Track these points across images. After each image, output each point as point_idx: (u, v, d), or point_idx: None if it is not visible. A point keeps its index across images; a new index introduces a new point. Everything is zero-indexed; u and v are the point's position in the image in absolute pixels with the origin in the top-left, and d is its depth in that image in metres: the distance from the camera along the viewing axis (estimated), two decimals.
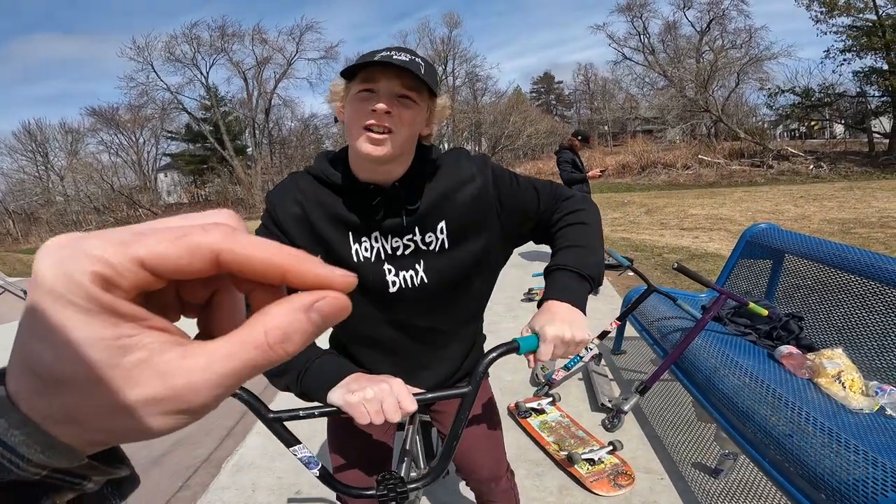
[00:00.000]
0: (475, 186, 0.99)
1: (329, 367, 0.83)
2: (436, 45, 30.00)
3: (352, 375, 0.80)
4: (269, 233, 0.96)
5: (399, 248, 0.97)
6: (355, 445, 1.15)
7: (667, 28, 25.84)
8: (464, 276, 1.01)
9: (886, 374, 1.83)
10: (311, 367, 0.82)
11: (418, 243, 0.97)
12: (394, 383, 0.77)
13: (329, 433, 1.18)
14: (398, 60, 0.82)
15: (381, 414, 0.74)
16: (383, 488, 0.81)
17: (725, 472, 1.94)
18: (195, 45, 26.09)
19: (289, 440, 0.79)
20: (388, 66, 0.82)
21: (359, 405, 0.74)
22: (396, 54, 0.84)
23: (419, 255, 0.98)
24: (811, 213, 8.26)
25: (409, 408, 0.75)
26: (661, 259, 5.73)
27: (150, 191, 28.39)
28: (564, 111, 40.57)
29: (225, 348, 0.19)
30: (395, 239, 0.96)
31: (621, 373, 3.01)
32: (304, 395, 0.83)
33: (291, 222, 0.95)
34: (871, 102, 17.91)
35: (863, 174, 13.99)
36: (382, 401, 0.74)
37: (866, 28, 16.56)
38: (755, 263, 2.78)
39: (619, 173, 18.94)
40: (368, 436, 1.15)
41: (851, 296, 2.12)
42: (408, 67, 0.81)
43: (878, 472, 1.21)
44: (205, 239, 0.19)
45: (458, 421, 0.80)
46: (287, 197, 0.96)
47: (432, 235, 0.97)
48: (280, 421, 0.78)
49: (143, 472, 2.27)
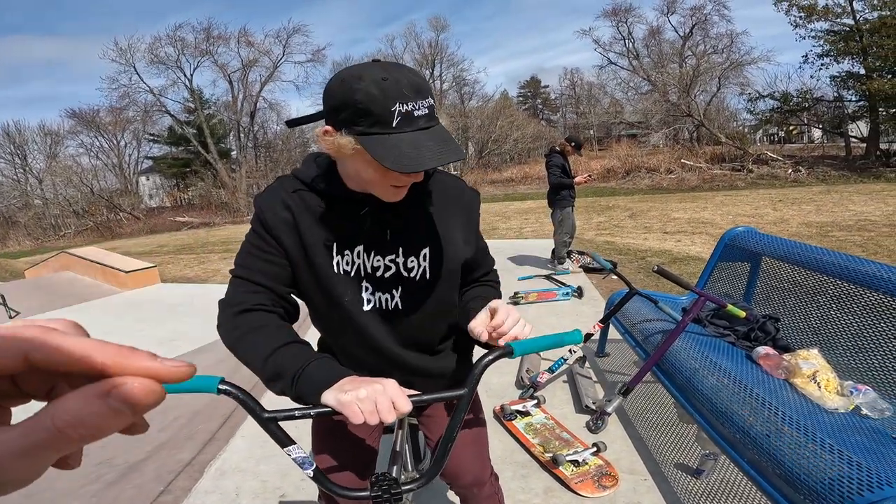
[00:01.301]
0: (464, 221, 1.01)
1: (324, 370, 0.83)
2: (423, 49, 30.10)
3: (346, 377, 0.80)
4: (258, 237, 0.95)
5: (380, 268, 0.96)
6: (341, 448, 1.14)
7: (651, 33, 26.29)
8: (440, 308, 1.03)
9: (861, 374, 1.87)
10: (306, 370, 0.82)
11: (400, 267, 0.97)
12: (388, 384, 0.77)
13: (314, 436, 1.18)
14: (438, 147, 0.78)
15: (376, 414, 0.74)
16: (378, 489, 0.81)
17: (707, 473, 1.97)
18: (179, 48, 25.81)
19: (283, 440, 0.78)
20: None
21: (352, 404, 0.74)
22: (420, 111, 0.78)
23: (399, 281, 0.98)
24: (790, 217, 8.44)
25: (404, 408, 0.74)
26: (644, 262, 5.80)
27: (131, 194, 27.88)
28: (551, 115, 40.91)
29: (20, 430, 0.21)
30: (377, 257, 0.96)
31: (605, 374, 3.04)
32: (300, 398, 0.83)
33: (282, 227, 0.93)
34: (848, 107, 18.35)
35: (840, 178, 14.32)
36: (376, 401, 0.74)
37: (844, 33, 16.95)
38: (734, 266, 2.83)
39: (603, 177, 19.13)
40: (353, 438, 1.15)
41: (827, 297, 2.17)
42: (451, 160, 0.79)
43: (854, 472, 1.23)
44: (12, 340, 0.22)
45: (454, 423, 0.80)
46: (276, 201, 0.94)
47: (415, 261, 0.97)
48: (275, 421, 0.78)
49: (123, 476, 2.26)
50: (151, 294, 6.87)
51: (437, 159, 0.77)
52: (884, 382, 1.79)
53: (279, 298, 0.96)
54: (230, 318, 0.92)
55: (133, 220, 24.75)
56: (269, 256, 0.94)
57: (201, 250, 11.34)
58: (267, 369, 0.85)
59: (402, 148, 0.76)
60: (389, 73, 0.77)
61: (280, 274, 0.95)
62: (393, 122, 0.77)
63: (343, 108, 0.78)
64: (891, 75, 15.87)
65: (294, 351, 0.86)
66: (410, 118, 0.77)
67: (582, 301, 4.43)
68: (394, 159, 0.75)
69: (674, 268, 5.24)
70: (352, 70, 0.80)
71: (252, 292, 0.93)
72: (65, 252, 8.70)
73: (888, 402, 1.66)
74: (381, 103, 0.76)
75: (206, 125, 26.76)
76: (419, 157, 0.76)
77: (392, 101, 0.76)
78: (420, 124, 0.78)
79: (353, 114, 0.77)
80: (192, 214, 23.56)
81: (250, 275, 0.94)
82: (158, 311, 5.81)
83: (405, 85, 0.77)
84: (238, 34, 26.66)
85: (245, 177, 25.72)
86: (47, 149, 28.87)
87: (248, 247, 0.96)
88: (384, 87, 0.76)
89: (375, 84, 0.76)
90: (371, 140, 0.77)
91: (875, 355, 1.86)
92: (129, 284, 7.24)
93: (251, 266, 0.94)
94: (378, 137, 0.77)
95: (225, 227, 19.17)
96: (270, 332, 0.89)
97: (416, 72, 0.82)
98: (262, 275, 0.94)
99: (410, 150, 0.76)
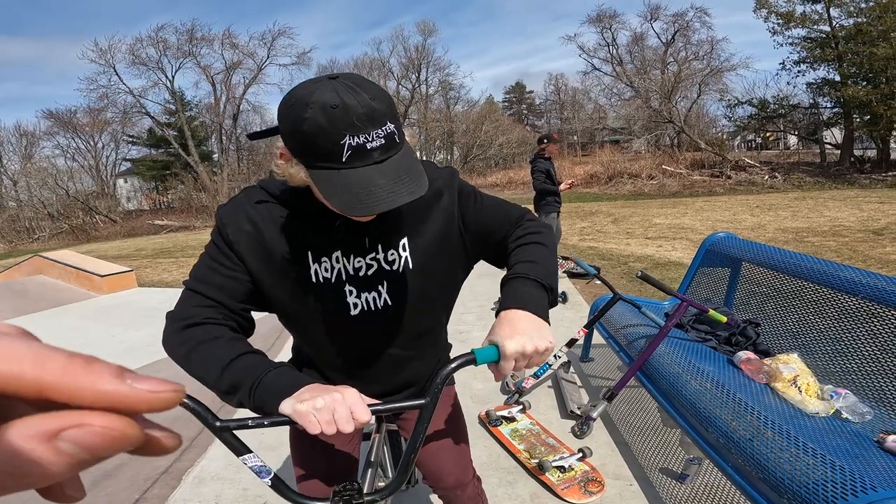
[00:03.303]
0: (440, 203, 0.96)
1: (282, 379, 0.79)
2: (409, 53, 30.15)
3: (306, 386, 0.77)
4: (218, 250, 0.90)
5: (362, 268, 0.93)
6: (318, 456, 1.13)
7: (634, 39, 26.80)
8: (427, 298, 1.00)
9: (840, 378, 1.91)
10: (263, 379, 0.79)
11: (381, 262, 0.94)
12: (347, 393, 0.73)
13: (291, 444, 1.15)
14: (392, 185, 0.72)
15: (333, 424, 0.71)
16: (339, 499, 0.80)
17: (691, 477, 1.98)
18: (161, 49, 25.44)
19: (238, 449, 0.77)
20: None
21: (308, 414, 0.71)
22: (374, 142, 0.71)
23: (382, 276, 0.94)
24: (767, 223, 8.62)
25: (362, 418, 0.72)
26: (626, 268, 5.86)
27: (108, 197, 27.28)
28: (535, 120, 41.32)
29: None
30: (357, 259, 0.92)
31: (589, 380, 3.05)
32: (259, 409, 0.79)
33: (244, 242, 0.89)
34: (823, 114, 18.91)
35: (815, 184, 14.72)
36: (334, 410, 0.71)
37: (820, 39, 17.46)
38: (714, 271, 2.87)
39: (587, 183, 19.36)
40: (332, 446, 1.13)
41: (805, 302, 2.21)
42: (405, 200, 0.72)
43: (836, 476, 1.24)
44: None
45: (416, 433, 0.78)
46: (239, 213, 0.89)
47: (395, 253, 0.94)
48: (228, 430, 0.76)
49: (95, 483, 2.19)
50: (128, 298, 6.71)
51: (388, 201, 0.71)
52: (861, 386, 1.82)
53: (232, 314, 0.91)
54: (177, 331, 0.87)
55: (110, 223, 24.23)
56: (227, 272, 0.89)
57: (181, 254, 11.13)
58: (223, 382, 0.81)
59: (352, 188, 0.71)
60: (342, 98, 0.69)
61: (236, 290, 0.90)
62: (343, 157, 0.71)
63: (292, 136, 0.74)
64: (865, 82, 16.40)
65: (249, 361, 0.82)
66: (362, 152, 0.71)
67: (566, 306, 4.45)
68: (342, 201, 0.71)
69: (655, 273, 5.31)
70: (303, 91, 0.72)
71: (203, 306, 0.88)
72: (38, 255, 8.44)
73: (867, 406, 1.69)
74: (329, 136, 0.70)
75: (187, 127, 26.37)
76: (368, 199, 0.71)
77: (340, 133, 0.69)
78: (374, 157, 0.72)
79: (300, 143, 0.73)
80: (172, 218, 23.15)
81: (204, 289, 0.89)
82: (135, 315, 5.67)
83: (357, 113, 0.70)
84: (222, 36, 26.49)
85: (227, 180, 25.41)
86: (22, 150, 28.21)
87: (206, 259, 0.91)
88: (332, 117, 0.69)
89: (323, 112, 0.69)
90: (319, 175, 0.73)
91: (853, 359, 1.90)
92: (104, 289, 7.06)
93: (207, 280, 0.90)
94: (327, 173, 0.72)
95: (206, 230, 18.87)
96: (222, 344, 0.84)
97: (375, 92, 0.73)
98: (216, 289, 0.89)
99: (360, 189, 0.71)
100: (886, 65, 15.09)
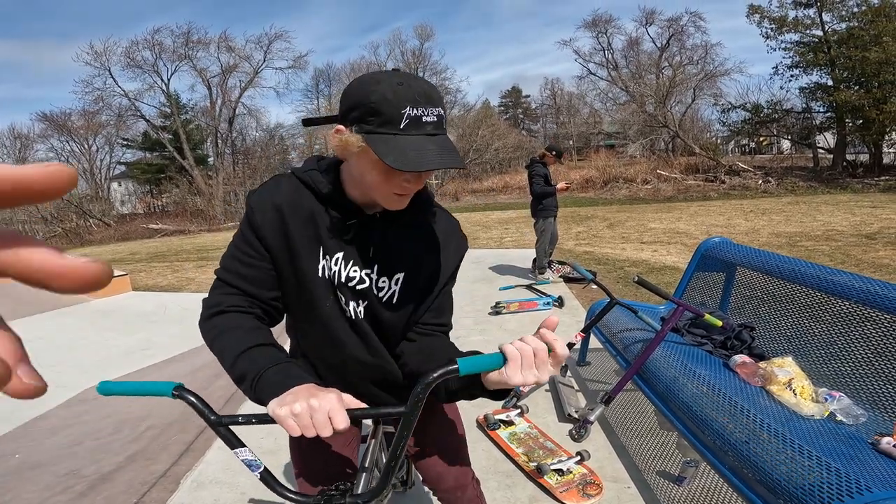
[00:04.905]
0: (446, 255, 1.01)
1: (279, 376, 0.81)
2: (406, 58, 30.24)
3: (293, 388, 0.77)
4: (244, 239, 0.94)
5: (355, 278, 0.96)
6: (316, 457, 1.14)
7: (630, 44, 27.00)
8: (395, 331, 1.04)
9: (834, 381, 1.93)
10: (264, 374, 0.81)
11: (372, 283, 0.97)
12: (326, 399, 0.73)
13: (290, 444, 1.16)
14: (441, 152, 0.80)
15: (312, 429, 0.72)
16: (321, 497, 0.82)
17: (688, 480, 1.99)
18: (157, 52, 25.38)
19: (232, 442, 0.80)
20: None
21: (286, 419, 0.73)
22: (429, 117, 0.80)
23: (367, 297, 0.98)
24: (760, 227, 8.69)
25: (340, 425, 0.72)
26: (622, 272, 5.89)
27: (102, 200, 27.11)
28: (531, 125, 41.46)
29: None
30: (353, 268, 0.96)
31: (587, 383, 3.06)
32: (260, 402, 0.82)
33: (269, 228, 0.93)
34: (816, 118, 19.06)
35: (808, 189, 14.85)
36: (312, 415, 0.72)
37: (812, 44, 17.62)
38: (710, 276, 2.90)
39: (583, 188, 19.45)
40: (329, 447, 1.14)
41: (799, 306, 2.24)
42: (453, 165, 0.81)
43: (832, 478, 1.26)
44: None
45: (397, 442, 0.78)
46: (267, 200, 0.94)
47: (386, 282, 0.98)
48: (223, 424, 0.80)
49: (92, 487, 2.18)
50: (122, 302, 6.67)
51: (438, 162, 0.78)
52: (855, 389, 1.84)
53: (257, 301, 0.95)
54: (205, 319, 0.92)
55: (104, 226, 24.07)
56: (251, 260, 0.93)
57: (175, 258, 11.07)
58: (234, 372, 0.85)
59: (406, 149, 0.78)
60: (405, 80, 0.80)
61: (260, 278, 0.94)
62: (401, 124, 0.79)
63: (356, 107, 0.81)
64: (857, 86, 16.55)
65: (258, 354, 0.85)
66: (419, 122, 0.79)
67: (563, 311, 4.46)
68: (395, 157, 0.77)
69: (651, 277, 5.33)
70: (371, 74, 0.83)
71: (229, 294, 0.93)
72: None
73: (861, 409, 1.71)
74: (393, 104, 0.78)
75: (182, 130, 26.29)
76: (420, 159, 0.77)
77: (403, 104, 0.78)
78: (427, 130, 0.80)
79: (365, 112, 0.80)
80: (166, 221, 23.02)
81: (230, 278, 0.94)
82: (130, 319, 5.64)
83: (418, 91, 0.80)
84: (218, 39, 26.39)
85: (222, 184, 25.32)
86: (16, 152, 27.97)
87: (233, 248, 0.95)
88: (397, 91, 0.78)
89: (390, 87, 0.79)
90: (377, 138, 0.79)
91: (847, 362, 1.92)
92: (98, 293, 7.03)
93: (232, 269, 0.94)
94: (384, 137, 0.79)
95: (200, 234, 18.79)
96: (240, 334, 0.88)
97: (432, 85, 0.84)
98: (240, 278, 0.93)
99: (413, 151, 0.78)
100: (878, 69, 15.24)
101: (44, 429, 2.94)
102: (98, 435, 2.77)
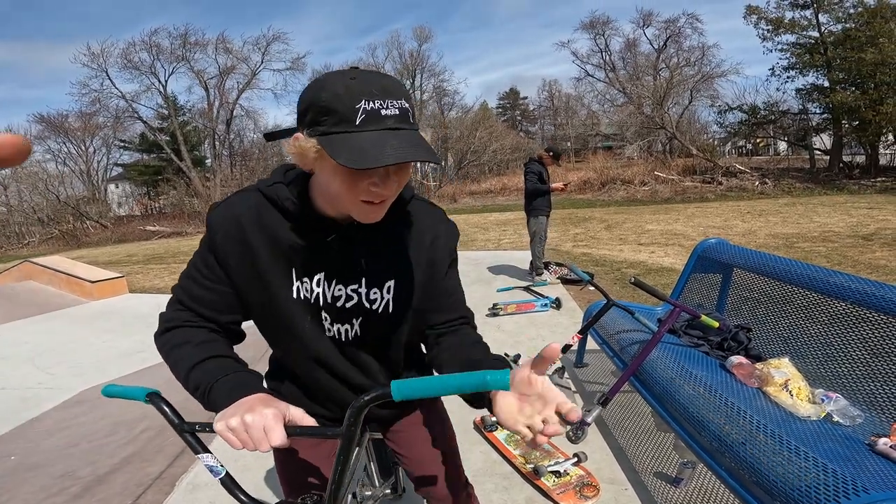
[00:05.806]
0: (435, 253, 0.95)
1: (226, 387, 0.80)
2: (404, 59, 30.26)
3: (241, 400, 0.76)
4: (202, 260, 0.90)
5: (341, 297, 0.91)
6: (299, 465, 1.12)
7: (627, 45, 27.09)
8: (397, 340, 1.00)
9: (831, 382, 1.93)
10: (213, 386, 0.81)
11: (362, 297, 0.92)
12: (261, 414, 0.72)
13: (273, 452, 1.14)
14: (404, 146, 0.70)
15: (251, 443, 0.72)
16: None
17: (685, 481, 1.99)
18: (154, 53, 25.35)
19: (196, 448, 0.81)
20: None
21: (223, 432, 0.73)
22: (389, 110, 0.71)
23: (360, 312, 0.93)
24: (757, 228, 8.71)
25: (276, 441, 0.71)
26: (619, 273, 5.89)
27: (99, 202, 27.04)
28: (529, 126, 41.52)
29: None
30: (338, 286, 0.90)
31: (584, 385, 3.06)
32: (214, 411, 0.81)
33: (231, 249, 0.87)
34: (813, 119, 19.12)
35: (804, 190, 14.89)
36: (247, 430, 0.71)
37: (809, 45, 17.68)
38: (706, 277, 2.90)
39: (580, 189, 19.48)
40: (313, 455, 1.12)
41: (795, 307, 2.24)
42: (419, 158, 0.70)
43: (829, 479, 1.25)
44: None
45: (337, 465, 0.76)
46: (230, 219, 0.87)
47: (378, 293, 0.92)
48: (187, 431, 0.82)
49: (87, 489, 2.17)
50: (119, 305, 6.65)
51: (400, 156, 0.68)
52: (852, 390, 1.84)
53: (212, 324, 0.91)
54: (159, 334, 0.91)
55: (100, 228, 24.02)
56: (207, 283, 0.89)
57: (172, 260, 11.05)
58: (189, 384, 0.84)
59: (363, 146, 0.69)
60: (359, 75, 0.72)
61: (215, 301, 0.90)
62: (356, 120, 0.70)
63: (309, 109, 0.73)
64: (853, 88, 16.61)
65: (210, 366, 0.84)
66: (377, 116, 0.70)
67: (560, 312, 4.47)
68: (348, 156, 0.68)
69: (648, 279, 5.34)
70: (326, 74, 0.76)
71: (183, 310, 0.91)
72: (28, 261, 8.34)
73: (858, 410, 1.71)
74: (345, 100, 0.70)
75: (179, 132, 26.26)
76: (379, 155, 0.68)
77: (357, 98, 0.70)
78: (388, 124, 0.71)
79: (317, 113, 0.72)
80: (164, 223, 22.98)
81: (185, 299, 0.90)
82: (126, 322, 5.62)
83: (375, 85, 0.71)
84: (216, 40, 26.38)
85: (220, 185, 25.27)
86: None
87: (191, 268, 0.91)
88: (350, 86, 0.71)
89: (342, 83, 0.71)
90: (331, 139, 0.71)
91: (843, 364, 1.92)
92: (95, 295, 7.00)
93: (187, 289, 0.90)
94: (340, 136, 0.70)
95: (198, 236, 18.71)
96: (191, 348, 0.86)
97: (393, 78, 0.76)
98: (195, 301, 0.90)
99: (370, 146, 0.69)
100: (875, 70, 15.30)
101: (40, 430, 2.93)
102: (94, 437, 2.76)
